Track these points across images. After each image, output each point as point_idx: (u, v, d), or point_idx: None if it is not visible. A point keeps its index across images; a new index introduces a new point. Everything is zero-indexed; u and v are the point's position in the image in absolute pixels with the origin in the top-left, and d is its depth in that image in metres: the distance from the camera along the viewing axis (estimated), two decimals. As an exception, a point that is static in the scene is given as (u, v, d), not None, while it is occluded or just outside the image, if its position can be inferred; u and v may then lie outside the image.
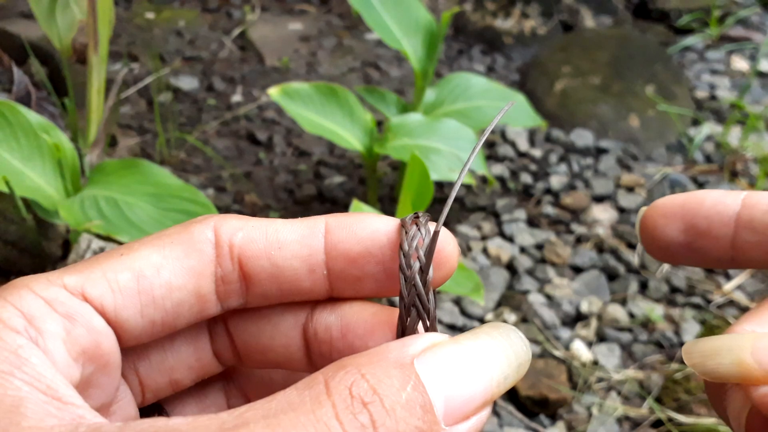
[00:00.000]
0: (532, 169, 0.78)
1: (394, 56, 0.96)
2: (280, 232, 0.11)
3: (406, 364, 0.09)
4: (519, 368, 0.10)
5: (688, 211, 0.12)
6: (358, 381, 0.09)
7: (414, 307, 0.11)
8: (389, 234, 0.11)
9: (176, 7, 1.02)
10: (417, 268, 0.11)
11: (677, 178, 0.77)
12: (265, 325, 0.12)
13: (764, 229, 0.11)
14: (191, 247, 0.11)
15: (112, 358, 0.11)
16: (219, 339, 0.13)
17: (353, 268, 0.11)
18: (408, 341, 0.10)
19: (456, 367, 0.10)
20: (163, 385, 0.12)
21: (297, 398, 0.09)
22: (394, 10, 0.67)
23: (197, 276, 0.11)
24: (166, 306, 0.11)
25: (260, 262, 0.11)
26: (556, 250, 0.68)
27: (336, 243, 0.11)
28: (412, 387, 0.09)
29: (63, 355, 0.10)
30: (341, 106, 0.64)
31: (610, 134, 0.83)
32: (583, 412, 0.53)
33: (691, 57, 0.99)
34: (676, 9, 1.06)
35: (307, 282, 0.11)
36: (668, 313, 0.62)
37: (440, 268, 0.11)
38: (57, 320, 0.10)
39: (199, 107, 0.85)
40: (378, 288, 0.12)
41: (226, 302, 0.12)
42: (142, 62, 0.89)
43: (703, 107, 0.89)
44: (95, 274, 0.11)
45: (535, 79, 0.90)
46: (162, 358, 0.12)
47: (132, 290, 0.11)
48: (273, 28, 0.99)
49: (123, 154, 0.75)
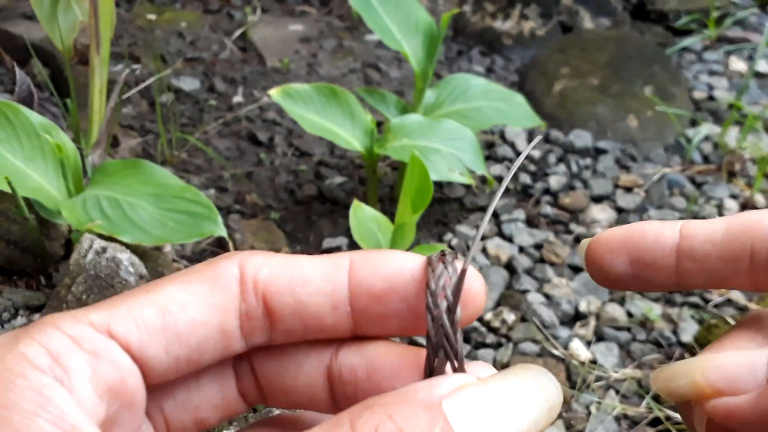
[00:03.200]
0: (531, 170, 0.79)
1: (394, 57, 0.97)
2: (305, 268, 0.11)
3: (434, 405, 0.09)
4: (550, 411, 0.10)
5: (632, 245, 0.13)
6: (385, 422, 0.09)
7: (442, 348, 0.11)
8: (414, 271, 0.11)
9: (177, 8, 1.02)
10: (444, 308, 0.11)
11: (675, 179, 0.78)
12: (289, 365, 0.12)
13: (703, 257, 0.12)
14: (216, 283, 0.11)
15: (137, 395, 0.11)
16: (244, 378, 0.13)
17: (377, 305, 0.11)
18: (436, 382, 0.10)
19: (485, 410, 0.09)
20: (188, 423, 0.12)
21: None
22: (395, 11, 0.68)
23: (222, 312, 0.11)
24: (191, 342, 0.11)
25: (284, 298, 0.11)
26: (555, 250, 0.68)
27: (360, 279, 0.11)
28: (440, 429, 0.09)
29: (88, 393, 0.10)
30: (342, 106, 0.65)
31: (608, 135, 0.84)
32: (581, 410, 0.54)
33: (690, 58, 1.00)
34: (675, 10, 1.07)
35: (331, 319, 0.11)
36: (666, 313, 0.62)
37: (467, 307, 0.11)
38: (83, 358, 0.10)
39: (201, 108, 0.85)
40: (402, 326, 0.12)
41: (250, 338, 0.12)
42: (143, 63, 0.89)
43: (701, 108, 0.90)
44: (121, 311, 0.11)
45: (534, 80, 0.90)
46: (187, 397, 0.12)
47: (157, 327, 0.11)
48: (274, 30, 1.00)
49: (125, 154, 0.75)
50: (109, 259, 0.51)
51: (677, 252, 0.13)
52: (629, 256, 0.13)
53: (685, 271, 0.13)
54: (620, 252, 0.13)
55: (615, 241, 0.13)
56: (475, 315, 0.11)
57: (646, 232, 0.13)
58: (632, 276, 0.13)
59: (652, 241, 0.13)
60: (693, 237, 0.12)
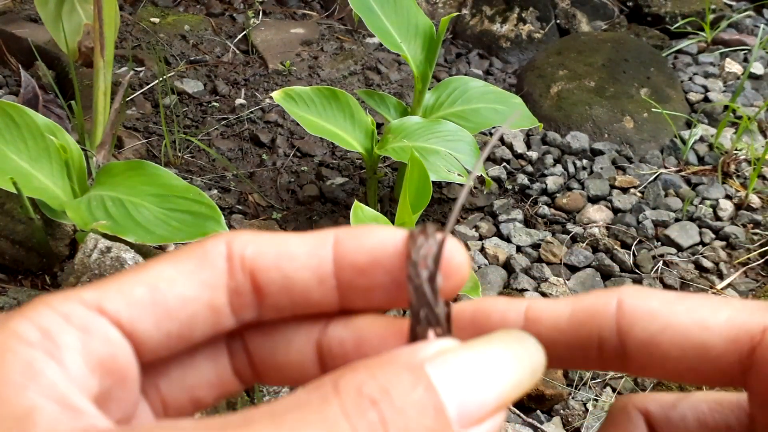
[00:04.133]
0: (528, 171, 0.80)
1: (393, 60, 0.98)
2: (290, 244, 0.12)
3: (416, 366, 0.09)
4: (533, 373, 0.10)
5: (478, 325, 0.13)
6: (368, 381, 0.09)
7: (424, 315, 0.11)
8: (397, 244, 0.11)
9: (181, 11, 1.03)
10: (425, 276, 0.11)
11: (671, 179, 0.79)
12: (279, 342, 0.12)
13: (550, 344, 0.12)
14: (204, 260, 0.11)
15: (129, 371, 0.11)
16: (237, 356, 0.13)
17: (362, 279, 0.11)
18: (419, 346, 0.10)
19: (468, 371, 0.10)
20: (184, 403, 0.12)
21: (304, 398, 0.09)
22: (395, 15, 0.69)
23: (210, 288, 0.11)
24: (180, 317, 0.11)
25: (271, 274, 0.11)
26: (552, 250, 0.69)
27: (344, 253, 0.11)
28: (424, 388, 0.09)
29: (79, 366, 0.10)
30: (342, 108, 0.66)
31: (605, 136, 0.85)
32: (578, 408, 0.54)
33: (685, 60, 1.01)
34: (671, 13, 1.08)
35: (317, 293, 0.12)
36: (662, 311, 0.63)
37: (450, 277, 0.11)
38: (73, 333, 0.10)
39: (204, 110, 0.86)
40: (388, 299, 0.12)
41: (240, 315, 0.12)
42: (147, 66, 0.90)
43: (696, 109, 0.91)
44: (111, 289, 0.11)
45: (531, 82, 0.91)
46: (183, 376, 0.12)
47: (146, 303, 0.11)
48: (275, 33, 1.01)
49: (129, 155, 0.76)
50: (113, 258, 0.52)
51: None
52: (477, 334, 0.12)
53: None
54: (467, 331, 0.12)
55: (463, 320, 0.13)
56: (459, 285, 0.11)
57: (491, 313, 0.13)
58: None
59: (498, 323, 0.12)
60: (538, 322, 0.12)
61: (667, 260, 0.68)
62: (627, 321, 0.12)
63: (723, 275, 0.67)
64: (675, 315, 0.11)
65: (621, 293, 0.12)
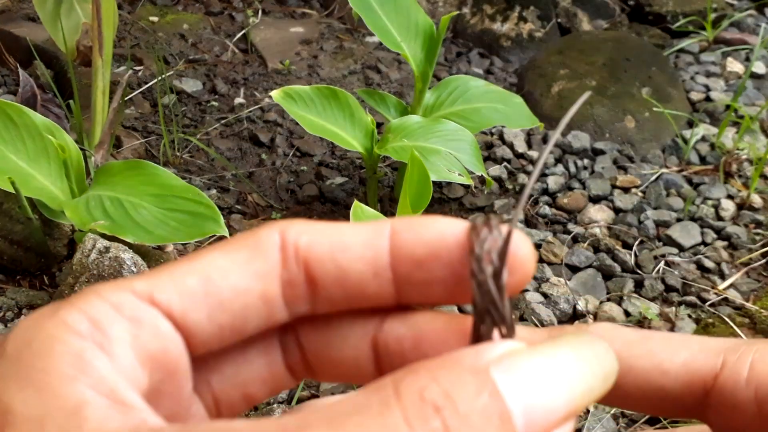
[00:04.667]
0: (529, 171, 0.80)
1: (394, 59, 0.97)
2: (345, 234, 0.11)
3: (481, 370, 0.09)
4: (606, 379, 0.10)
5: None
6: (430, 385, 0.09)
7: (488, 314, 0.10)
8: (457, 236, 0.11)
9: (179, 10, 1.03)
10: (490, 273, 0.10)
11: (672, 179, 0.78)
12: (334, 337, 0.12)
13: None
14: (257, 251, 0.11)
15: (180, 364, 0.11)
16: (290, 351, 0.12)
17: (420, 272, 0.11)
18: (483, 348, 0.09)
19: (536, 376, 0.09)
20: (237, 399, 0.12)
21: (364, 402, 0.09)
22: (395, 13, 0.69)
23: (264, 279, 0.11)
24: (233, 309, 0.11)
25: (325, 265, 0.11)
26: (553, 250, 0.69)
27: (401, 245, 0.11)
28: (489, 394, 0.09)
29: (129, 359, 0.10)
30: (342, 108, 0.66)
31: (606, 136, 0.84)
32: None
33: (687, 59, 1.00)
34: (672, 12, 1.08)
35: (373, 286, 0.11)
36: (663, 312, 0.63)
37: (515, 272, 0.11)
38: (123, 324, 0.10)
39: (203, 109, 0.86)
40: (448, 294, 0.11)
41: (293, 307, 0.11)
42: (146, 65, 0.90)
43: (698, 109, 0.90)
44: (163, 279, 0.11)
45: (532, 81, 0.91)
46: (235, 371, 0.12)
47: (199, 294, 0.11)
48: (275, 32, 1.00)
49: (127, 155, 0.76)
50: (112, 258, 0.52)
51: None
52: None
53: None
54: None
55: None
56: (524, 281, 0.11)
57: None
58: None
59: None
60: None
61: (669, 260, 0.68)
62: None
63: (725, 275, 0.67)
64: (636, 359, 0.12)
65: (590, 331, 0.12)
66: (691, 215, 0.74)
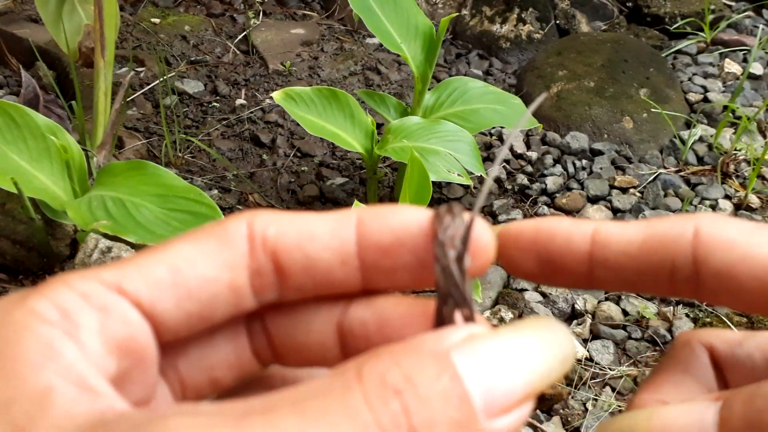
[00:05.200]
0: (528, 171, 0.80)
1: (394, 60, 0.98)
2: (312, 224, 0.11)
3: (442, 354, 0.09)
4: (563, 361, 0.10)
5: (541, 246, 0.12)
6: (392, 369, 0.09)
7: (450, 296, 0.10)
8: (421, 224, 0.11)
9: (181, 12, 1.03)
10: (453, 257, 0.10)
11: (670, 179, 0.79)
12: (300, 322, 0.12)
13: (618, 268, 0.11)
14: (225, 241, 0.11)
15: (148, 352, 0.11)
16: (257, 337, 0.12)
17: (386, 259, 0.11)
18: (445, 332, 0.10)
19: (496, 359, 0.09)
20: (203, 383, 0.12)
21: (327, 385, 0.09)
22: (395, 15, 0.69)
23: (231, 269, 0.11)
24: (201, 298, 0.11)
25: (293, 254, 0.11)
26: (552, 250, 0.69)
27: (367, 233, 0.11)
28: (449, 378, 0.09)
29: (97, 347, 0.10)
30: (342, 109, 0.66)
31: (604, 136, 0.85)
32: (578, 407, 0.55)
33: (685, 60, 1.01)
34: (670, 13, 1.08)
35: (340, 274, 0.11)
36: (661, 311, 0.63)
37: (477, 257, 0.11)
38: (92, 313, 0.10)
39: (204, 110, 0.86)
40: (413, 280, 0.11)
41: (261, 296, 0.11)
42: (148, 66, 0.91)
43: (695, 110, 0.91)
44: (131, 269, 0.11)
45: (531, 82, 0.91)
46: (201, 356, 0.12)
47: (167, 283, 0.11)
48: (276, 33, 1.01)
49: (129, 155, 0.76)
50: (114, 258, 0.52)
51: (589, 260, 0.12)
52: (538, 258, 0.12)
53: (597, 276, 0.12)
54: (529, 252, 0.12)
55: (523, 239, 0.12)
56: (484, 266, 0.11)
57: (555, 234, 0.12)
58: (543, 275, 0.13)
59: (562, 245, 0.12)
60: (607, 246, 0.12)
61: (667, 260, 0.68)
62: (703, 250, 0.11)
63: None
64: (754, 246, 0.11)
65: (698, 221, 0.11)
66: (689, 215, 0.74)
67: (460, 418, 0.09)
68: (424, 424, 0.09)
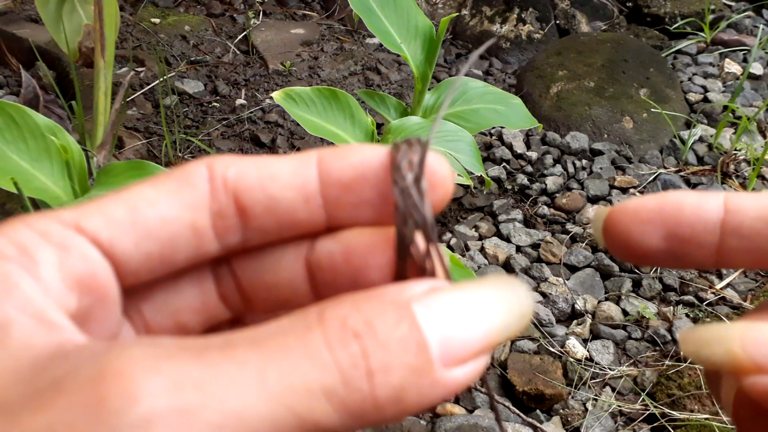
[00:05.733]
0: (528, 171, 0.80)
1: (393, 60, 0.98)
2: (273, 165, 0.11)
3: (403, 304, 0.09)
4: (521, 318, 0.10)
5: (668, 217, 0.11)
6: (352, 314, 0.09)
7: (411, 218, 0.11)
8: (382, 159, 0.11)
9: (181, 12, 1.03)
10: (410, 179, 0.11)
11: (670, 179, 0.79)
12: (268, 262, 0.12)
13: (753, 236, 0.11)
14: (185, 182, 0.11)
15: (109, 290, 0.11)
16: (224, 281, 0.12)
17: (348, 195, 0.11)
18: (407, 285, 0.10)
19: (455, 311, 0.09)
20: (169, 327, 0.12)
21: (288, 325, 0.09)
22: (395, 15, 0.69)
23: (192, 209, 0.11)
24: (161, 238, 0.11)
25: (255, 194, 0.11)
26: (552, 250, 0.69)
27: (329, 170, 0.11)
28: (408, 325, 0.09)
29: (56, 283, 0.10)
30: (342, 109, 0.66)
31: (604, 136, 0.85)
32: (578, 407, 0.55)
33: (685, 60, 1.01)
34: (670, 13, 1.08)
35: (304, 212, 0.11)
36: (661, 311, 0.63)
37: (435, 189, 0.11)
38: (49, 250, 0.10)
39: (204, 110, 0.86)
40: (376, 215, 0.11)
41: (224, 238, 0.11)
42: (148, 66, 0.91)
43: (695, 110, 0.91)
44: (90, 209, 0.11)
45: (531, 82, 0.91)
46: (166, 300, 0.12)
47: (126, 222, 0.11)
48: (276, 33, 1.01)
49: (129, 155, 0.76)
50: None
51: (722, 228, 0.11)
52: (664, 229, 0.11)
53: (728, 249, 0.11)
54: (653, 224, 0.11)
55: (646, 212, 0.11)
56: (444, 198, 0.11)
57: (684, 204, 0.11)
58: (665, 252, 0.12)
59: (692, 214, 0.11)
60: (741, 212, 0.11)
61: (667, 260, 0.68)
62: None
63: (722, 275, 0.68)
64: None
65: None
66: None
67: (417, 365, 0.09)
68: (381, 367, 0.09)
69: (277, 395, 0.08)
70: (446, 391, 0.09)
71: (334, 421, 0.09)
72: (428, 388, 0.09)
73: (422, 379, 0.09)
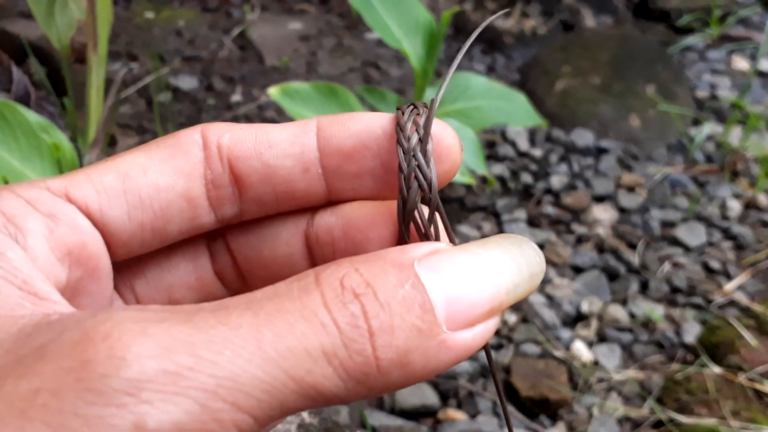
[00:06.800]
0: (532, 169, 0.78)
1: (394, 56, 0.96)
2: (270, 132, 0.11)
3: (405, 264, 0.09)
4: (531, 278, 0.10)
5: None
6: (351, 273, 0.09)
7: (414, 179, 0.10)
8: (384, 126, 0.11)
9: (176, 6, 1.02)
10: (416, 140, 0.10)
11: (678, 178, 0.77)
12: (266, 236, 0.12)
13: None
14: (178, 148, 0.11)
15: (100, 262, 0.10)
16: (219, 257, 0.12)
17: (349, 164, 0.11)
18: (410, 247, 0.09)
19: (461, 271, 0.09)
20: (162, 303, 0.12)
21: (284, 288, 0.09)
22: (394, 9, 0.67)
23: (185, 177, 0.11)
24: (154, 207, 0.10)
25: (251, 162, 0.11)
26: (557, 250, 0.68)
27: (329, 138, 0.11)
28: (410, 285, 0.09)
29: (45, 253, 0.09)
30: (341, 105, 0.64)
31: (610, 134, 0.83)
32: (583, 412, 0.53)
33: (692, 57, 0.99)
34: (677, 9, 1.06)
35: (303, 183, 0.11)
36: (669, 313, 0.62)
37: (442, 161, 0.10)
38: (38, 219, 0.10)
39: (199, 107, 0.84)
40: (378, 186, 0.11)
41: (220, 210, 0.11)
42: (141, 62, 0.89)
43: (703, 107, 0.89)
44: (79, 177, 0.10)
45: (535, 78, 0.90)
46: (159, 275, 0.12)
47: (117, 191, 0.10)
48: (273, 28, 0.99)
49: (122, 153, 0.75)
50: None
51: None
52: None
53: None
54: None
55: None
56: (452, 170, 0.11)
57: None
58: None
59: None
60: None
61: (674, 261, 0.67)
62: None
63: (730, 276, 0.66)
64: None
65: None
66: (697, 215, 0.73)
67: (421, 326, 0.08)
68: (383, 328, 0.08)
69: (274, 358, 0.08)
70: (454, 354, 0.08)
71: (337, 386, 0.08)
72: (435, 351, 0.08)
73: (428, 341, 0.08)
